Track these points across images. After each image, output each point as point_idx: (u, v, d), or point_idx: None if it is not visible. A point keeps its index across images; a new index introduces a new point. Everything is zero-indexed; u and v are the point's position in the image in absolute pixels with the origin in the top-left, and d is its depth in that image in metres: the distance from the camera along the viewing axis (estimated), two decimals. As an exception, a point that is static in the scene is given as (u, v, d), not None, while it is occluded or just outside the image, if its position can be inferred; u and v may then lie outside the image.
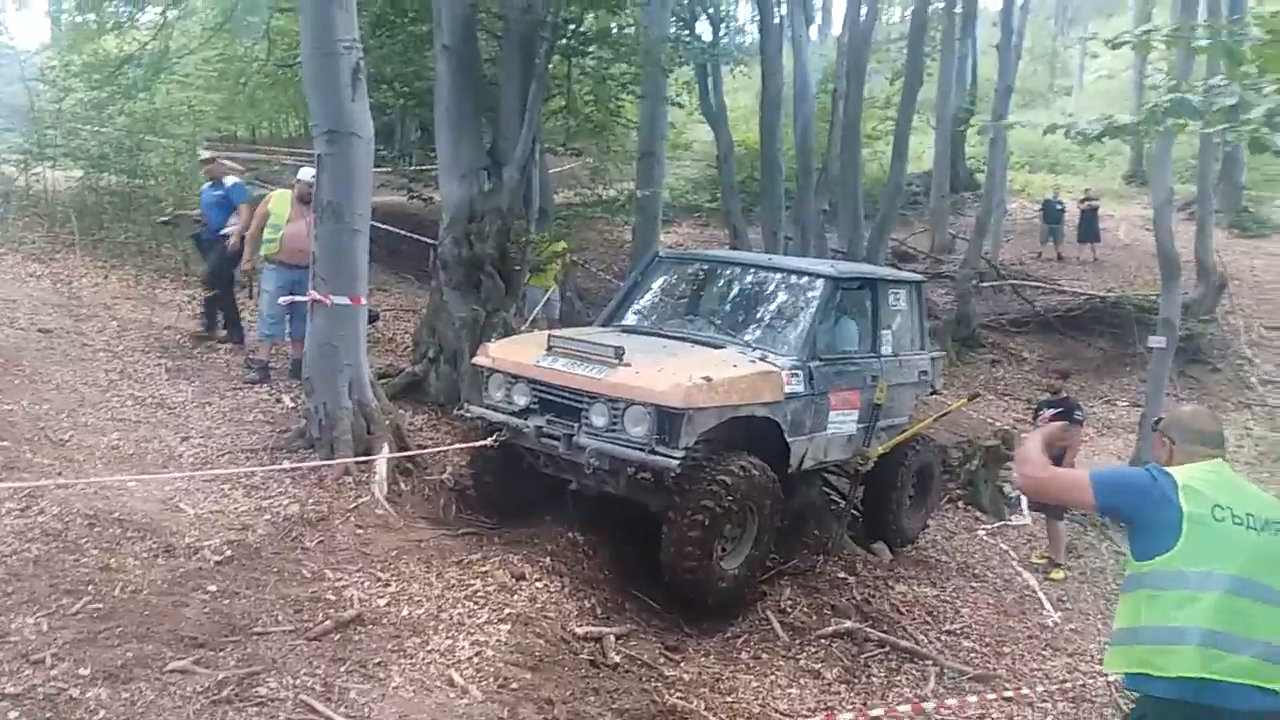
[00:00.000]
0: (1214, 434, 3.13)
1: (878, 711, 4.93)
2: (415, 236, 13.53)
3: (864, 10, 17.93)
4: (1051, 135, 5.26)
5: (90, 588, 4.28)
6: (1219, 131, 4.02)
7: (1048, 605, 7.65)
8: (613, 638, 5.15)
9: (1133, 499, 2.98)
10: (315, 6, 6.15)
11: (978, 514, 9.94)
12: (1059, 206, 21.56)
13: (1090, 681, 6.14)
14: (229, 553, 4.93)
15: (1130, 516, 3.02)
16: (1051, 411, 8.63)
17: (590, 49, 10.94)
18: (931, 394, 8.36)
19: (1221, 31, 4.54)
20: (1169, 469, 3.01)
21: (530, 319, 10.67)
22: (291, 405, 7.37)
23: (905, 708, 5.11)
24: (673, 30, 15.04)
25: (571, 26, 9.33)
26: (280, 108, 20.97)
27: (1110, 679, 5.71)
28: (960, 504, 10.02)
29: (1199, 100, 3.98)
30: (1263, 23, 4.01)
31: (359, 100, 6.22)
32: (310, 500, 5.76)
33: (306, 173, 7.71)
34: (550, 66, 9.60)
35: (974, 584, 7.77)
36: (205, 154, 9.61)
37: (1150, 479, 2.96)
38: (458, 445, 6.88)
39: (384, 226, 15.03)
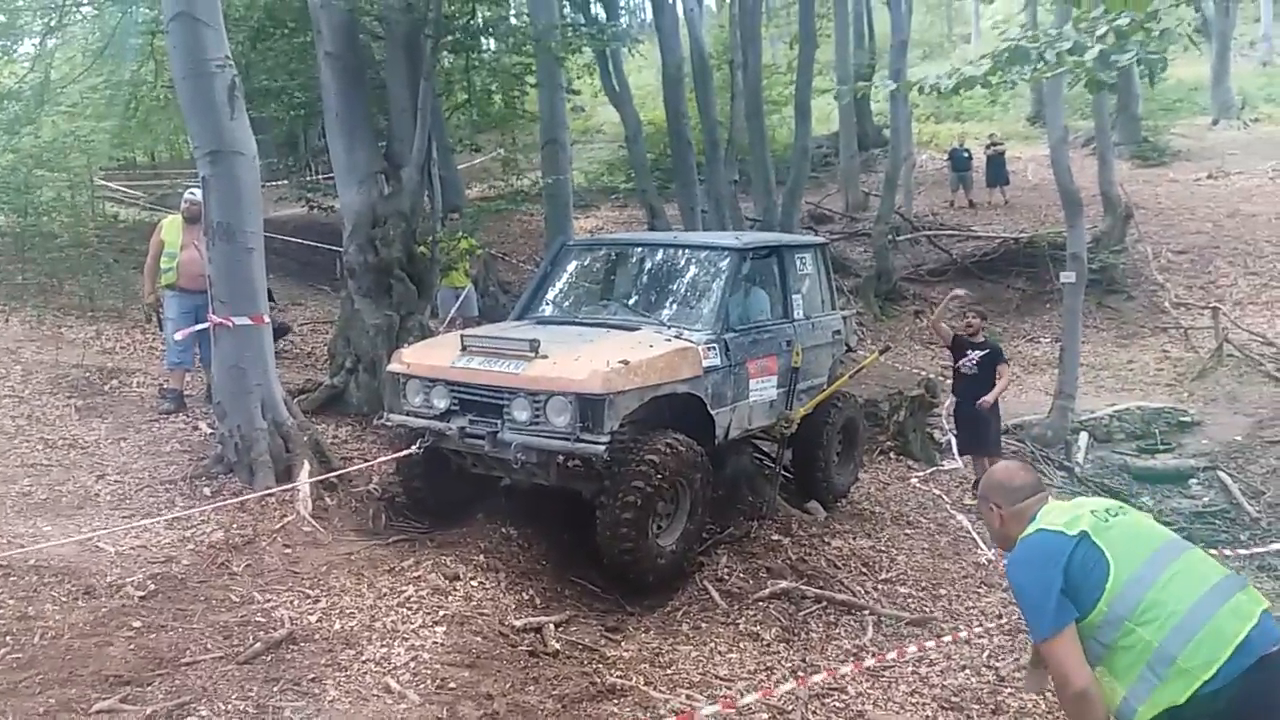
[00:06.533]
0: (1033, 482, 3.15)
1: (845, 669, 5.01)
2: (327, 247, 13.32)
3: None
4: (922, 93, 5.36)
5: (8, 639, 4.19)
6: (1060, 74, 4.16)
7: (981, 544, 7.85)
8: (552, 626, 5.18)
9: (1070, 583, 2.80)
10: (183, 28, 5.99)
11: (909, 463, 10.12)
12: (965, 154, 21.96)
13: (1023, 614, 6.30)
14: (153, 587, 4.85)
15: (1075, 592, 2.81)
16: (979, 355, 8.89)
17: (478, 42, 10.82)
18: (847, 352, 8.49)
19: None
20: (1038, 528, 2.95)
21: (447, 319, 10.59)
22: (209, 431, 7.24)
23: (871, 661, 5.21)
24: (566, 15, 14.98)
25: (457, 21, 9.19)
26: (177, 129, 20.38)
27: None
28: (892, 454, 10.20)
29: (1037, 47, 4.11)
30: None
31: (238, 118, 6.08)
32: (235, 525, 5.68)
33: (191, 193, 7.50)
34: (446, 62, 9.50)
35: (908, 531, 7.94)
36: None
37: (1050, 557, 2.85)
38: (381, 459, 6.83)
39: (294, 240, 14.89)
